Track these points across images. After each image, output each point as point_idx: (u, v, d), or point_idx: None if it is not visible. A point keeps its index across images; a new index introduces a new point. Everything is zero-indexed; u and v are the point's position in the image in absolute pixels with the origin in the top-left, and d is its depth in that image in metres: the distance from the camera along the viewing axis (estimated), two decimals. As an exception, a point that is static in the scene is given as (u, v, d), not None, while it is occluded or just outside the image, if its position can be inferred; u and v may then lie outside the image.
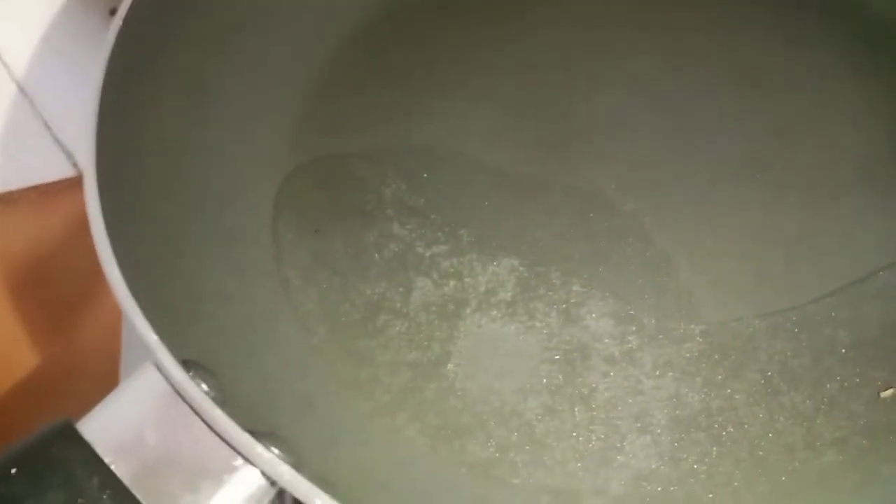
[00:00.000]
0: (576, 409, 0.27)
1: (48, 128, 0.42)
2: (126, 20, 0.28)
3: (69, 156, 0.43)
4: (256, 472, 0.21)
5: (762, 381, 0.27)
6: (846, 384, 0.27)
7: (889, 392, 0.26)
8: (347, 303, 0.29)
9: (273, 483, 0.21)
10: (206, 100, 0.31)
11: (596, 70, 0.34)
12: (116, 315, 0.40)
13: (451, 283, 0.29)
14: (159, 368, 0.22)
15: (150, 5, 0.29)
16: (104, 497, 0.20)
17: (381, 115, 0.33)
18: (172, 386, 0.22)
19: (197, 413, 0.21)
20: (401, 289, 0.29)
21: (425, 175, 0.32)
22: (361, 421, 0.27)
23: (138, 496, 0.20)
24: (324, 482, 0.23)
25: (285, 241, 0.30)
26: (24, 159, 0.43)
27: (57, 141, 0.43)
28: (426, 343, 0.28)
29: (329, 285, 0.30)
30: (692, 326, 0.28)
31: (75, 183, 0.45)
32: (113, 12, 0.38)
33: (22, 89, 0.40)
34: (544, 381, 0.27)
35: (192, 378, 0.22)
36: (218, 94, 0.32)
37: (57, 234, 0.44)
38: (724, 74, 0.33)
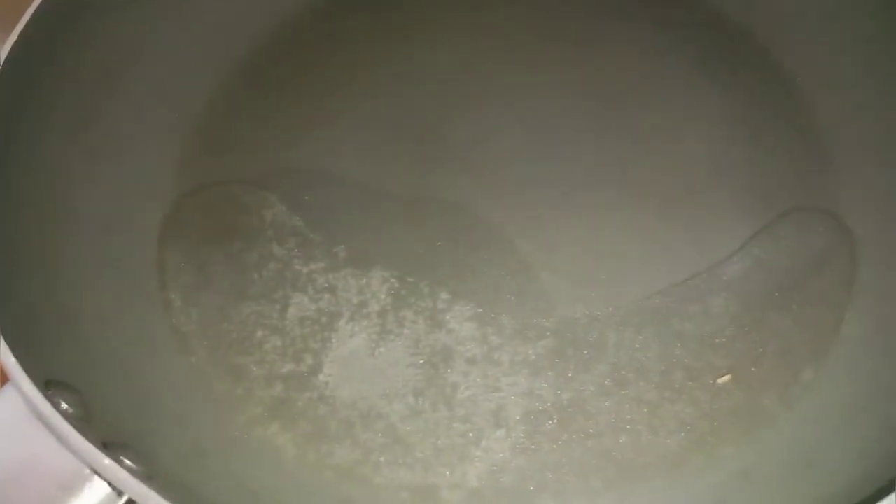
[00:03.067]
0: (437, 408, 0.28)
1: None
2: (10, 60, 0.29)
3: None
4: (104, 483, 0.22)
5: (611, 373, 0.28)
6: (691, 373, 0.28)
7: (725, 378, 0.28)
8: (226, 322, 0.30)
9: (120, 493, 0.22)
10: (91, 130, 0.32)
11: (466, 90, 0.35)
12: None
13: (326, 297, 0.31)
14: (17, 389, 0.23)
15: (34, 47, 0.30)
16: (-40, 513, 0.22)
17: (263, 141, 0.35)
18: (29, 405, 0.23)
19: (49, 429, 0.22)
20: (278, 305, 0.31)
21: (306, 197, 0.33)
22: (233, 433, 0.28)
23: (-9, 510, 0.22)
24: (185, 491, 0.24)
25: (169, 265, 0.32)
26: None
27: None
28: (300, 356, 0.30)
29: (210, 306, 0.31)
30: (546, 324, 0.29)
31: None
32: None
33: None
34: (409, 383, 0.29)
35: (52, 397, 0.23)
36: (104, 124, 0.33)
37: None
38: (587, 90, 0.35)
